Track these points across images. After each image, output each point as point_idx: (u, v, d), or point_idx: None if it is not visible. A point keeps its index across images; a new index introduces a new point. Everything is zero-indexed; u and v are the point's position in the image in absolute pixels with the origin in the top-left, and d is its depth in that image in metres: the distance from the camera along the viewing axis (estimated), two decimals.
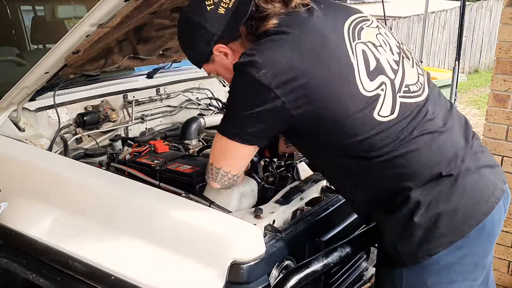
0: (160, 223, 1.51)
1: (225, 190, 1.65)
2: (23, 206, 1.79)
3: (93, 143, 2.28)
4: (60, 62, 1.78)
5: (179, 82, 2.89)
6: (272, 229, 1.50)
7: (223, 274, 1.34)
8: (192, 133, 2.32)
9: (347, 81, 1.31)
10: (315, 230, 1.60)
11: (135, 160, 1.94)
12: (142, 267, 1.47)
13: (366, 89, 1.32)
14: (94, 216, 1.62)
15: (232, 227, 1.43)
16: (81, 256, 1.56)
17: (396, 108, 1.34)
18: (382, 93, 1.34)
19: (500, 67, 2.49)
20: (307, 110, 1.30)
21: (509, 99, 2.50)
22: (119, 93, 2.52)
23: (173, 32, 2.31)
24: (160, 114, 2.71)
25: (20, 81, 1.86)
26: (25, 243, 1.69)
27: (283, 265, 1.46)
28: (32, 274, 1.67)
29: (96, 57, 2.16)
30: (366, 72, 1.33)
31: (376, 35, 1.43)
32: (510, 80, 2.48)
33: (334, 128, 1.32)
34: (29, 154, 1.92)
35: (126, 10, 1.56)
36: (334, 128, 1.32)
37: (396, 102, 1.35)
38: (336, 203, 1.74)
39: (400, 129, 1.33)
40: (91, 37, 1.66)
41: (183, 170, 1.82)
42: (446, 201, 1.33)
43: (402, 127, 1.34)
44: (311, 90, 1.28)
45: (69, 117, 2.28)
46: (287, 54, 1.28)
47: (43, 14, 3.44)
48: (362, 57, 1.34)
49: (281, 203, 1.66)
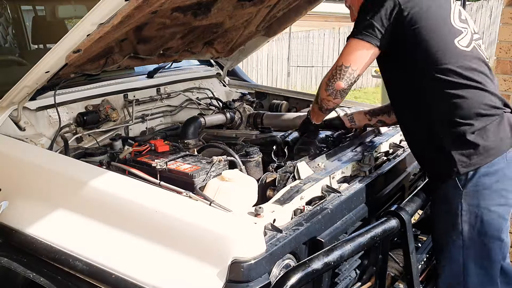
0: (161, 222, 1.51)
1: (225, 189, 1.66)
2: (24, 205, 1.79)
3: (93, 142, 2.29)
4: (60, 62, 1.78)
5: (179, 81, 2.90)
6: (272, 228, 1.51)
7: (223, 272, 1.35)
8: (192, 132, 2.32)
9: (444, 13, 1.87)
10: (315, 229, 1.60)
11: (135, 159, 1.95)
12: (142, 266, 1.47)
13: (455, 23, 1.87)
14: (95, 215, 1.62)
15: (232, 226, 1.43)
16: (82, 255, 1.56)
17: (471, 45, 1.86)
18: (464, 32, 1.87)
19: (500, 67, 2.50)
20: (415, 12, 1.79)
21: (509, 99, 2.51)
22: (119, 93, 2.52)
23: (174, 31, 2.31)
24: (161, 113, 2.72)
25: (21, 80, 1.86)
26: (25, 242, 1.69)
27: (284, 264, 1.46)
28: (33, 273, 1.67)
29: (96, 57, 2.16)
30: (458, 17, 1.89)
31: (468, 17, 1.97)
32: (510, 80, 2.48)
33: (428, 38, 1.80)
34: (30, 154, 1.92)
35: (127, 9, 1.56)
36: (428, 39, 1.80)
37: (471, 42, 1.87)
38: (337, 202, 1.74)
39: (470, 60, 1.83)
40: (92, 37, 1.66)
41: (183, 169, 1.82)
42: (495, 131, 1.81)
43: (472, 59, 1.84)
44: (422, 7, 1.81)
45: (70, 117, 2.29)
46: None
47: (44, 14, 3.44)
48: (458, 10, 1.92)
49: (281, 202, 1.66)
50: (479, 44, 1.92)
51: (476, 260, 1.85)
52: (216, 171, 1.83)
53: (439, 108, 1.84)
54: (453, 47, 1.82)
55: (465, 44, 1.84)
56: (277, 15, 2.71)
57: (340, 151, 2.18)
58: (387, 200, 2.07)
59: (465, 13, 1.95)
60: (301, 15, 2.76)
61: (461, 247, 1.85)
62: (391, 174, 2.11)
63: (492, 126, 1.80)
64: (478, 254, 1.84)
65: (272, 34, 2.91)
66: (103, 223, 1.60)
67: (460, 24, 1.88)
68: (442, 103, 1.83)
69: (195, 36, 2.52)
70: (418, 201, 1.90)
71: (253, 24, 2.68)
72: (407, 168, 2.25)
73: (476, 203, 1.80)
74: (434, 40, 1.81)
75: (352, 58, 1.86)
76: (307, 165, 1.92)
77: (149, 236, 1.50)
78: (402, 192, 2.20)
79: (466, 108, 1.80)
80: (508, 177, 1.81)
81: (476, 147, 1.78)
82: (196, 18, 2.23)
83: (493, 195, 1.80)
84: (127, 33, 2.11)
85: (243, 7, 2.36)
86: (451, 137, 1.82)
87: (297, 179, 1.85)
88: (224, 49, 2.90)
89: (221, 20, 2.43)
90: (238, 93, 3.28)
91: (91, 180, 1.67)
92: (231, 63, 3.23)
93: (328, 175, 1.89)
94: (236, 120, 2.76)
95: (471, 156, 1.79)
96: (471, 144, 1.79)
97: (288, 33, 12.27)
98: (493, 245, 1.83)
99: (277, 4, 2.54)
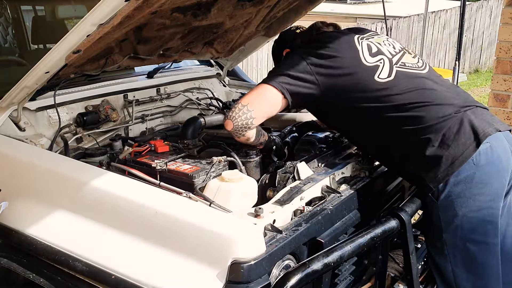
0: (161, 223, 1.51)
1: (225, 190, 1.66)
2: (23, 206, 1.79)
3: (93, 142, 2.28)
4: (60, 62, 1.78)
5: (179, 82, 2.90)
6: (272, 229, 1.51)
7: (223, 273, 1.35)
8: (192, 133, 2.32)
9: (354, 56, 1.87)
10: (315, 230, 1.60)
11: (135, 159, 1.94)
12: (142, 267, 1.47)
13: (368, 61, 1.87)
14: (94, 215, 1.62)
15: (232, 227, 1.43)
16: (82, 256, 1.56)
17: (393, 73, 1.86)
18: (380, 64, 1.87)
19: (500, 67, 2.50)
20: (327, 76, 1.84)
21: (509, 99, 2.51)
22: (119, 93, 2.52)
23: (174, 32, 2.31)
24: (161, 114, 2.71)
25: (21, 80, 1.86)
26: (25, 243, 1.69)
27: (284, 265, 1.46)
28: (32, 273, 1.67)
29: (96, 57, 2.16)
30: (368, 53, 1.89)
31: (383, 40, 2.01)
32: (510, 80, 2.48)
33: (350, 87, 1.83)
34: (30, 154, 1.92)
35: (126, 9, 1.56)
36: (350, 88, 1.83)
37: (392, 69, 1.87)
38: (337, 202, 1.74)
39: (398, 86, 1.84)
40: (92, 37, 1.66)
41: (183, 170, 1.82)
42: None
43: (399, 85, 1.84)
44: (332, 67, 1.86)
45: (70, 117, 2.29)
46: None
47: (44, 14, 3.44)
48: (366, 46, 1.92)
49: (281, 203, 1.66)
50: (404, 62, 1.91)
51: (465, 266, 1.83)
52: (216, 171, 1.83)
53: (391, 141, 1.86)
54: (374, 85, 1.82)
55: (385, 76, 1.84)
56: (277, 15, 2.71)
57: (340, 151, 2.18)
58: (386, 201, 2.07)
59: (376, 43, 1.95)
60: (301, 15, 2.75)
61: (447, 257, 1.84)
62: (390, 174, 2.11)
63: (449, 134, 1.76)
64: (466, 261, 1.82)
65: (272, 34, 2.91)
66: (103, 224, 1.60)
67: (372, 59, 1.87)
68: (392, 135, 1.84)
69: (195, 36, 2.52)
70: (418, 202, 1.89)
71: (253, 24, 2.67)
72: None
73: (454, 213, 1.78)
74: (355, 87, 1.83)
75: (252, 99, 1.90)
76: (307, 166, 1.92)
77: (149, 236, 1.50)
78: (402, 193, 2.20)
79: (415, 130, 1.78)
80: (479, 181, 1.75)
81: (439, 160, 1.76)
82: (196, 18, 2.23)
83: (467, 202, 1.76)
84: (127, 34, 2.11)
85: (243, 8, 2.35)
86: (413, 159, 1.82)
87: (297, 179, 1.85)
88: (224, 49, 2.89)
89: (221, 21, 2.42)
90: (238, 93, 3.28)
91: (91, 180, 1.67)
92: (231, 63, 3.23)
93: (328, 176, 1.89)
94: None
95: (437, 170, 1.76)
96: (433, 158, 1.76)
97: None
98: (480, 249, 1.81)
99: (277, 4, 2.54)
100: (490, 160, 1.76)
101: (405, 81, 1.85)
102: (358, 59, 1.86)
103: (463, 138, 1.76)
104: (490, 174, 1.77)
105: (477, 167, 1.75)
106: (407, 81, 1.85)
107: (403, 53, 1.96)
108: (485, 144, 1.75)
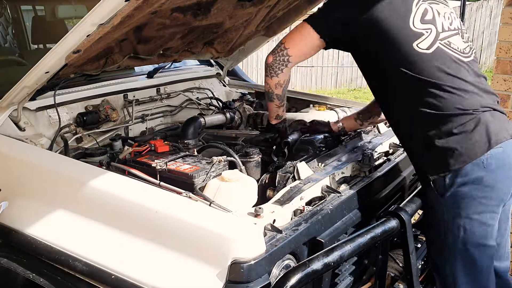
0: (160, 222, 1.51)
1: (225, 190, 1.66)
2: (23, 206, 1.79)
3: (93, 142, 2.29)
4: (60, 62, 1.78)
5: (179, 82, 2.90)
6: (272, 228, 1.51)
7: (223, 273, 1.34)
8: (192, 133, 2.32)
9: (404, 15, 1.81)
10: (315, 229, 1.60)
11: (135, 159, 1.94)
12: (142, 266, 1.47)
13: (415, 26, 1.80)
14: (94, 215, 1.62)
15: (232, 226, 1.43)
16: (82, 255, 1.56)
17: (433, 48, 1.78)
18: (426, 33, 1.79)
19: (500, 67, 2.50)
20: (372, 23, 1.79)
21: (509, 99, 2.51)
22: (119, 93, 2.52)
23: (173, 32, 2.31)
24: (161, 113, 2.72)
25: (21, 80, 1.86)
26: (25, 243, 1.69)
27: (284, 264, 1.46)
28: (32, 273, 1.67)
29: (96, 57, 2.16)
30: (420, 17, 1.81)
31: (445, 12, 1.90)
32: (510, 80, 2.48)
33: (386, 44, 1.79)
34: (30, 154, 1.92)
35: (126, 9, 1.56)
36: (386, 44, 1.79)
37: (435, 43, 1.79)
38: (337, 202, 1.74)
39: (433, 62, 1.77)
40: (92, 37, 1.66)
41: (183, 169, 1.82)
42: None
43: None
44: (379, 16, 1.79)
45: (70, 117, 2.29)
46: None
47: (44, 14, 3.44)
48: (422, 10, 1.83)
49: (281, 202, 1.66)
50: (450, 42, 1.83)
51: (464, 270, 1.83)
52: (216, 171, 1.83)
53: (408, 110, 1.82)
54: (410, 51, 1.77)
55: (425, 46, 1.78)
56: (277, 15, 2.71)
57: (340, 151, 2.18)
58: (387, 201, 2.07)
59: (435, 11, 1.86)
60: (301, 15, 2.76)
61: (447, 257, 1.84)
62: (391, 174, 2.12)
63: (462, 129, 1.72)
64: (466, 264, 1.82)
65: (272, 34, 2.91)
66: (102, 224, 1.60)
67: (421, 26, 1.80)
68: (409, 105, 1.81)
69: (195, 36, 2.52)
70: (418, 201, 1.89)
71: (253, 24, 2.67)
72: (407, 168, 2.25)
73: (457, 213, 1.77)
74: (392, 46, 1.79)
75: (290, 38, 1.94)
76: (307, 165, 1.92)
77: (149, 236, 1.50)
78: (402, 192, 2.20)
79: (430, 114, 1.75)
80: (486, 185, 1.73)
81: (447, 150, 1.73)
82: (196, 18, 2.23)
83: (472, 204, 1.75)
84: (127, 33, 2.11)
85: (243, 7, 2.36)
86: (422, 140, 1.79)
87: (297, 179, 1.85)
88: (224, 49, 2.89)
89: (221, 20, 2.43)
90: (238, 93, 3.28)
91: (91, 180, 1.67)
92: (231, 63, 3.23)
93: (328, 176, 1.89)
94: (236, 120, 2.76)
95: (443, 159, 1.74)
96: (442, 148, 1.74)
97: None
98: (479, 253, 1.81)
99: (277, 4, 2.54)
100: (501, 165, 1.74)
101: (441, 60, 1.78)
102: (406, 20, 1.79)
103: (478, 137, 1.72)
104: (498, 179, 1.75)
105: (487, 170, 1.72)
106: (442, 61, 1.78)
107: (455, 33, 1.87)
108: (497, 149, 1.73)
